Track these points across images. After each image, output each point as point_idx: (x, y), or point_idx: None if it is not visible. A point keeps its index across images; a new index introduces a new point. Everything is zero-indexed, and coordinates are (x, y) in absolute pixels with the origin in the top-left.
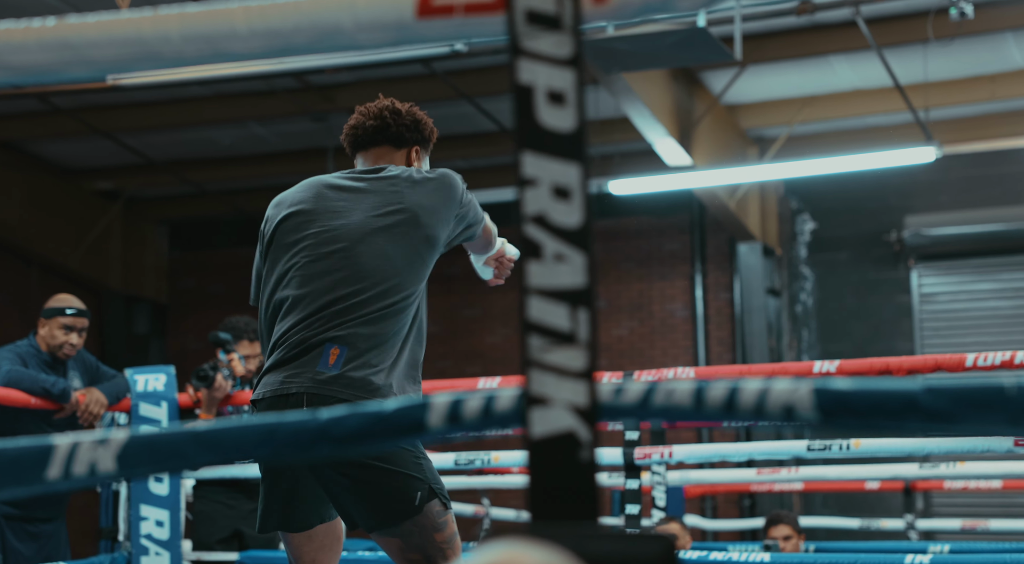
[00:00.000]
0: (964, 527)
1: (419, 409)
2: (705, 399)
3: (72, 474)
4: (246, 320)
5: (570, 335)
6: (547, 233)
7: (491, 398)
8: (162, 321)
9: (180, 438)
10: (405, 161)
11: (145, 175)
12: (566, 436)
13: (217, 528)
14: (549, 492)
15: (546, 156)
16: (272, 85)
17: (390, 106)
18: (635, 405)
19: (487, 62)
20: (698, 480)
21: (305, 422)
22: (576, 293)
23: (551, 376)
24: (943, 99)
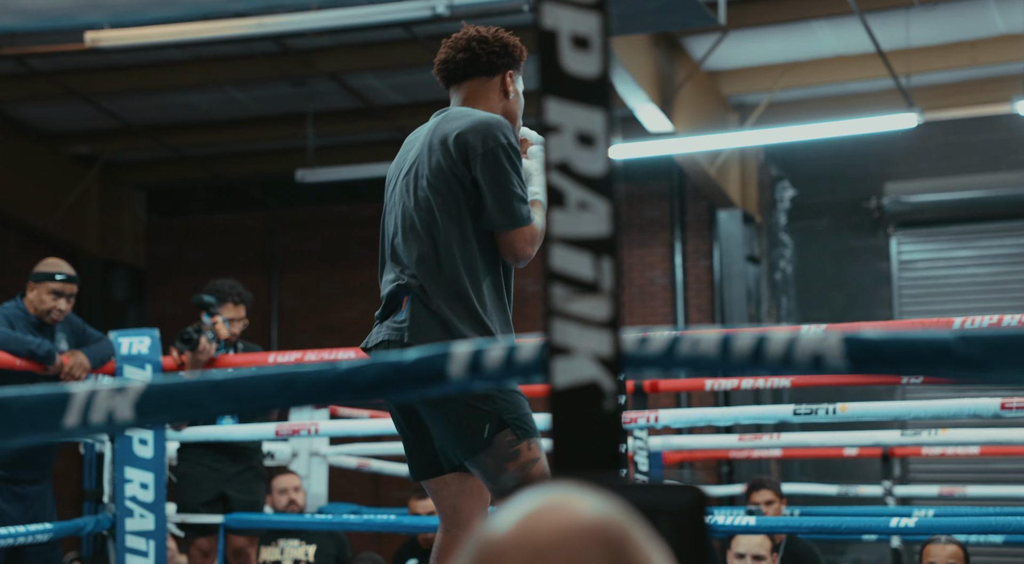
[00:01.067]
0: (942, 493)
1: (440, 359)
2: (732, 349)
3: (90, 422)
4: (230, 283)
5: (594, 284)
6: (571, 180)
7: (513, 348)
8: (140, 286)
9: (198, 386)
10: (500, 87)
11: (123, 139)
12: (590, 386)
13: (201, 490)
14: (573, 442)
15: (570, 102)
16: (251, 49)
17: (476, 35)
18: (660, 355)
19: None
20: (680, 446)
21: (324, 371)
22: (600, 242)
23: (574, 325)
24: (924, 65)
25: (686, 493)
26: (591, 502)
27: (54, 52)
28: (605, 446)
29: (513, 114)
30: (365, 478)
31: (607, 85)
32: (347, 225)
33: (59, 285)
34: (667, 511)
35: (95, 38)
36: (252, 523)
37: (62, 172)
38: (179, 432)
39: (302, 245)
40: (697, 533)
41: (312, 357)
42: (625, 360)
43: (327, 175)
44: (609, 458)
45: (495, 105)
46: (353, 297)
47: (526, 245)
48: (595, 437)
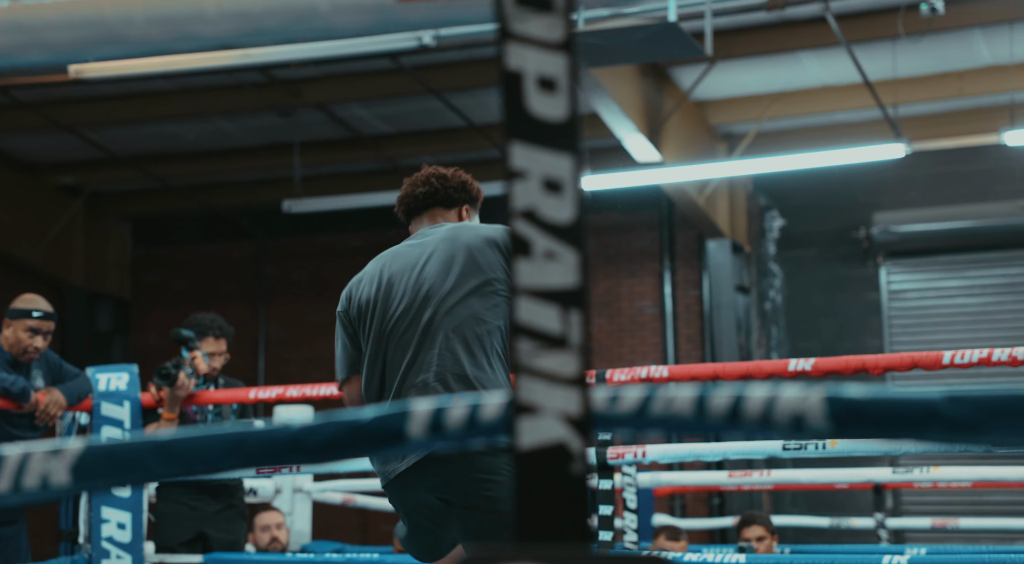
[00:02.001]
0: (934, 525)
1: (398, 418)
2: (708, 408)
3: (22, 487)
4: (211, 316)
5: (561, 338)
6: (537, 229)
7: (476, 406)
8: (125, 318)
9: (141, 448)
10: (456, 219)
11: (108, 170)
12: (556, 448)
13: (180, 530)
14: (537, 509)
15: (536, 147)
16: (238, 79)
17: (436, 173)
18: (631, 414)
19: (455, 57)
20: (669, 482)
21: (276, 431)
22: (567, 293)
23: (541, 382)
24: (912, 96)
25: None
26: None
27: (38, 83)
28: (572, 514)
29: None
30: (352, 513)
31: (575, 129)
32: (335, 255)
33: (36, 322)
34: None
35: (79, 69)
36: (232, 562)
37: (47, 203)
38: None
39: (289, 275)
40: None
41: (293, 393)
42: (594, 419)
43: (314, 205)
44: (575, 528)
45: None
46: None
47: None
48: (561, 504)
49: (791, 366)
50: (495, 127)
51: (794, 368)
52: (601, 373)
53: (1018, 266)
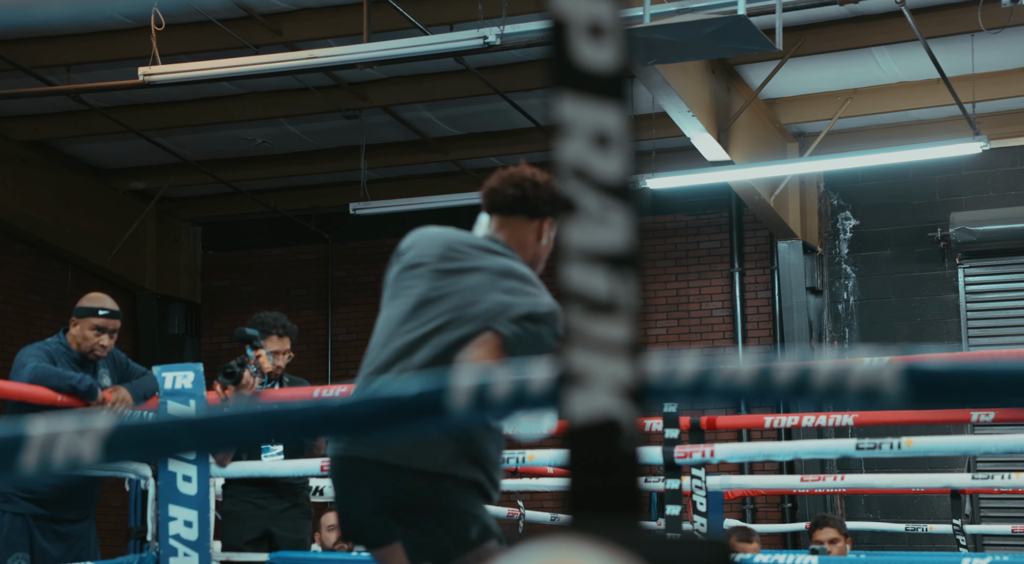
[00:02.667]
0: (1015, 531)
1: (440, 392)
2: (772, 379)
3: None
4: (275, 315)
5: (611, 303)
6: (585, 187)
7: (523, 379)
8: (196, 321)
9: (171, 426)
10: (537, 231)
11: (178, 174)
12: (607, 421)
13: (247, 528)
14: (588, 485)
15: (585, 98)
16: (303, 82)
17: (531, 178)
18: (689, 386)
19: (520, 56)
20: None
21: (312, 407)
22: (617, 256)
23: (591, 351)
24: (990, 92)
25: (711, 549)
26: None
27: (108, 87)
28: (623, 490)
29: (539, 258)
30: None
31: (624, 78)
32: None
33: (102, 321)
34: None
35: (147, 73)
36: (298, 561)
37: (118, 208)
38: (224, 468)
39: (357, 278)
40: None
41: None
42: (648, 391)
43: (381, 207)
44: (627, 504)
45: (531, 247)
46: None
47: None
48: (612, 480)
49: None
50: None
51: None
52: None
53: None
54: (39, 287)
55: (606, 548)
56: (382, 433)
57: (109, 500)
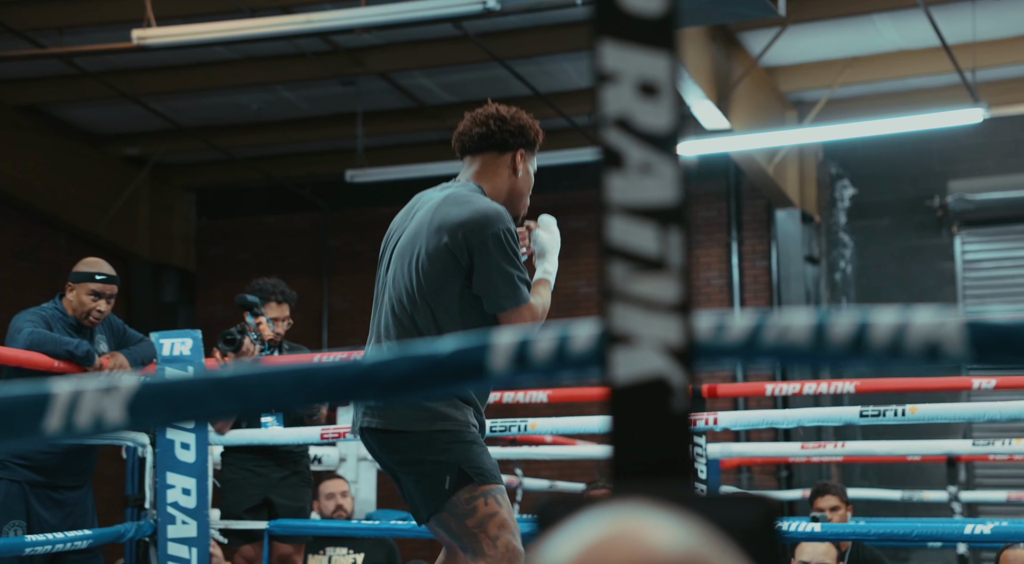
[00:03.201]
0: (1010, 498)
1: (479, 351)
2: (828, 337)
3: (75, 424)
4: (273, 281)
5: (659, 260)
6: (631, 138)
7: (565, 337)
8: (190, 289)
9: (199, 385)
10: (510, 164)
11: (172, 140)
12: (655, 382)
13: (246, 496)
14: (634, 447)
15: (630, 45)
16: (300, 47)
17: (495, 114)
18: (740, 345)
19: (520, 23)
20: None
21: (345, 366)
22: (665, 210)
23: (637, 310)
24: (990, 59)
25: (758, 507)
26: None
27: (101, 51)
28: (672, 452)
29: (519, 192)
30: None
31: (673, 23)
32: None
33: (99, 285)
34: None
35: (141, 36)
36: (298, 529)
37: (112, 174)
38: (222, 435)
39: (353, 246)
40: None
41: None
42: (698, 350)
43: (377, 175)
44: (677, 466)
45: (503, 181)
46: None
47: (523, 324)
48: (661, 441)
49: None
50: (561, 95)
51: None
52: None
53: None
54: (31, 254)
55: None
56: (417, 393)
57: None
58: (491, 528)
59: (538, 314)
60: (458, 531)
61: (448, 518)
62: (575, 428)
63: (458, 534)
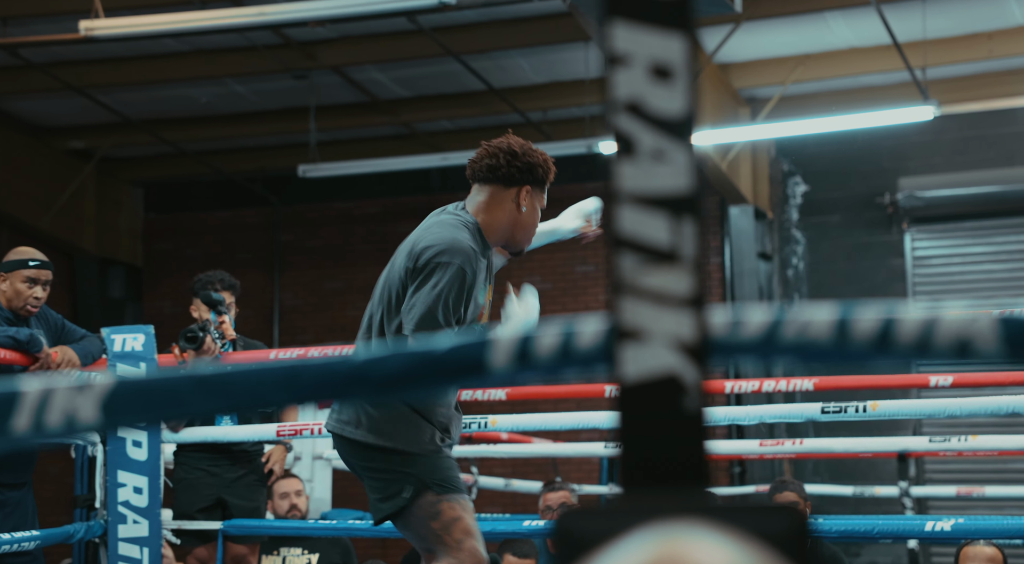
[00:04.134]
0: (959, 493)
1: (478, 347)
2: (851, 333)
3: (44, 425)
4: (215, 272)
5: (671, 251)
6: (643, 123)
7: (571, 332)
8: (137, 285)
9: (179, 383)
10: (514, 199)
11: (120, 134)
12: (667, 379)
13: (200, 496)
14: (646, 451)
15: (642, 25)
16: (251, 40)
17: (508, 148)
18: (757, 341)
19: (475, 17)
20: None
21: (336, 363)
22: (679, 199)
23: (648, 304)
24: (941, 57)
25: (790, 516)
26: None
27: (48, 42)
28: (686, 454)
29: (522, 226)
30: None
31: (688, 3)
32: (350, 221)
33: (34, 271)
34: (773, 538)
35: (89, 27)
36: (252, 529)
37: (57, 168)
38: (176, 434)
39: (304, 242)
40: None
41: (316, 354)
42: (712, 346)
43: (330, 170)
44: (692, 470)
45: (504, 215)
46: (356, 295)
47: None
48: (674, 443)
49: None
50: (515, 91)
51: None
52: None
53: None
54: None
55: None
56: (412, 391)
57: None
58: (455, 532)
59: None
60: (422, 532)
61: (411, 520)
62: (536, 425)
63: (422, 535)
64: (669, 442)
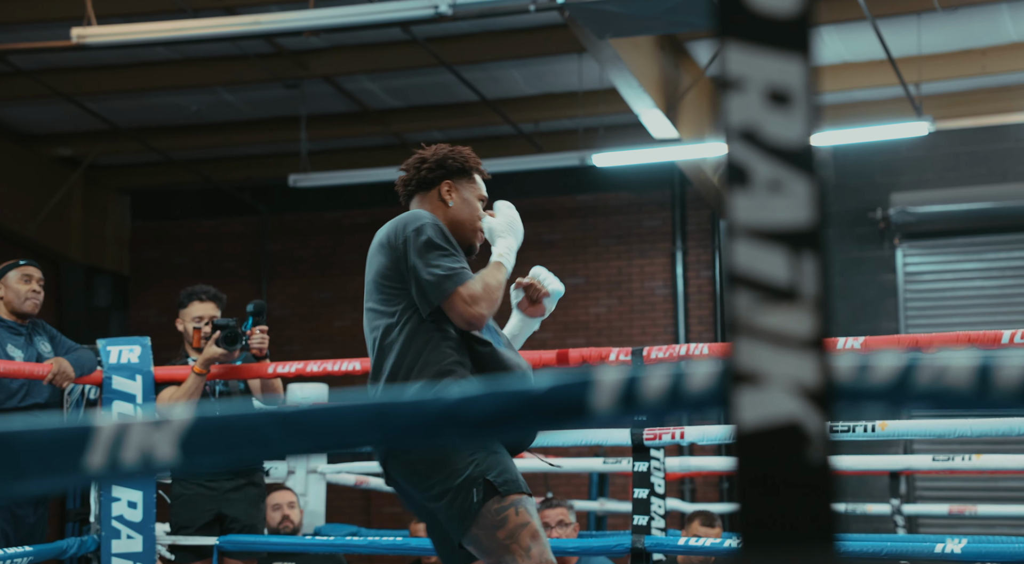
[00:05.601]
0: (951, 512)
1: (580, 388)
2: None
3: (120, 463)
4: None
5: (791, 289)
6: (759, 152)
7: (681, 374)
8: (123, 293)
9: (262, 421)
10: (438, 198)
11: (108, 141)
12: (788, 427)
13: (199, 512)
14: (766, 505)
15: (759, 48)
16: (243, 49)
17: (418, 157)
18: (888, 387)
19: (470, 28)
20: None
21: (427, 403)
22: (799, 233)
23: (766, 345)
24: (935, 73)
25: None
26: None
27: (39, 49)
28: (811, 510)
29: (457, 221)
30: (356, 494)
31: (808, 24)
32: (340, 232)
33: (27, 269)
34: None
35: (81, 34)
36: (248, 545)
37: (44, 175)
38: None
39: (293, 252)
40: None
41: (314, 368)
42: (837, 392)
43: (321, 180)
44: (818, 526)
45: (440, 215)
46: (345, 306)
47: (468, 307)
48: (797, 497)
49: (841, 344)
50: (508, 102)
51: (843, 346)
52: (639, 350)
53: None
54: None
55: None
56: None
57: None
58: (523, 539)
59: (479, 297)
60: (490, 545)
61: (478, 533)
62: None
63: (490, 549)
64: (791, 496)
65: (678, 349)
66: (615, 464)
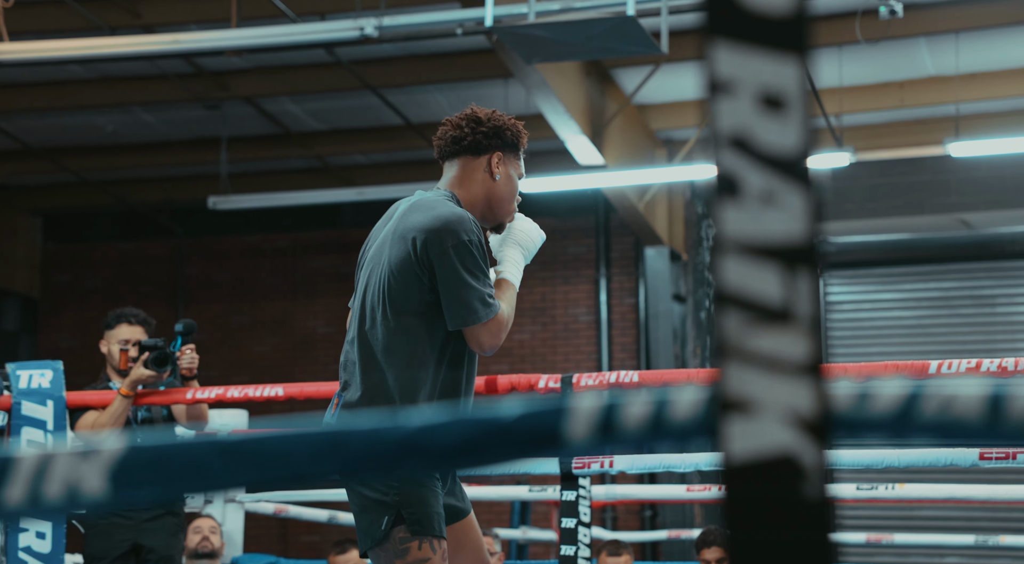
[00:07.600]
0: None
1: (553, 415)
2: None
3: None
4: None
5: (784, 310)
6: (750, 160)
7: (664, 402)
8: (33, 317)
9: (202, 450)
10: (486, 168)
11: (19, 161)
12: (782, 460)
13: (114, 543)
14: (758, 542)
15: (750, 48)
16: (162, 68)
17: (472, 116)
18: (890, 416)
19: (395, 51)
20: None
21: (386, 431)
22: (792, 249)
23: (758, 370)
24: (855, 105)
25: None
26: None
27: None
28: (807, 548)
29: (499, 197)
30: (272, 522)
31: (803, 23)
32: (259, 255)
33: None
34: None
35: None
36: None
37: None
38: None
39: (211, 275)
40: None
41: (235, 393)
42: (835, 422)
43: (241, 203)
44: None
45: (478, 186)
46: (263, 331)
47: (491, 337)
48: (792, 535)
49: None
50: (432, 126)
51: None
52: (568, 377)
53: (954, 280)
54: None
55: None
56: (474, 464)
57: None
58: None
59: (504, 325)
60: None
61: (379, 555)
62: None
63: None
64: (786, 533)
65: (608, 376)
66: (540, 492)
